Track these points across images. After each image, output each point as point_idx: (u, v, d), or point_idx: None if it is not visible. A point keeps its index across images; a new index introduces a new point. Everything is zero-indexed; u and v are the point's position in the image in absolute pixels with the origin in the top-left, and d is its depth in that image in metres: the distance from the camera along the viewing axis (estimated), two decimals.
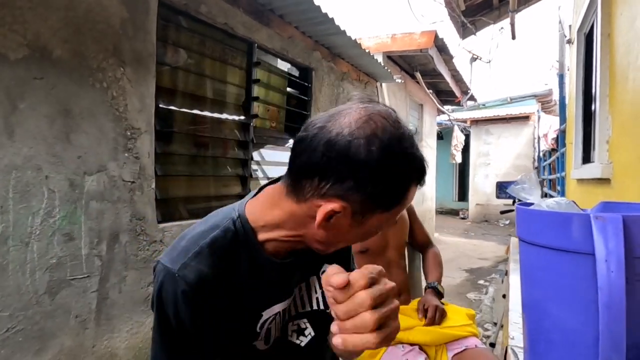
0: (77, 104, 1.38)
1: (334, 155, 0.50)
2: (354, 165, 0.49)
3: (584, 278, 0.44)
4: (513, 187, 0.53)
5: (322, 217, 0.52)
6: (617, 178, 2.01)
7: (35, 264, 1.28)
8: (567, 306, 0.46)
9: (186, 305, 0.55)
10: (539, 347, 0.50)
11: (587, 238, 0.42)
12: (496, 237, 7.46)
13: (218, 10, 2.03)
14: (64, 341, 1.36)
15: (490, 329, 2.83)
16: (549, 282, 0.47)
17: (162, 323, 0.57)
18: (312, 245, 0.60)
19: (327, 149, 0.50)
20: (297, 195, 0.55)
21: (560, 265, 0.46)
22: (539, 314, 0.49)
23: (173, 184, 1.93)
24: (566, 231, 0.45)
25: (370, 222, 0.54)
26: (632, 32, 1.78)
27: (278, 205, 0.58)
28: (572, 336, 0.45)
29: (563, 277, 0.46)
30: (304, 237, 0.59)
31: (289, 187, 0.56)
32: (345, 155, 0.49)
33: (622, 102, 1.96)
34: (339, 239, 0.58)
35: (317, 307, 0.72)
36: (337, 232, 0.55)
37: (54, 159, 1.32)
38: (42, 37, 1.28)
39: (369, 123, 0.51)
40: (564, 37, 3.92)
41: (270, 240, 0.60)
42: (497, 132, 9.94)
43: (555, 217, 0.46)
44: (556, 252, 0.46)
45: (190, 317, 0.56)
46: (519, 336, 0.62)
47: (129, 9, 1.55)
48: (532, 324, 0.51)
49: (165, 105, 1.84)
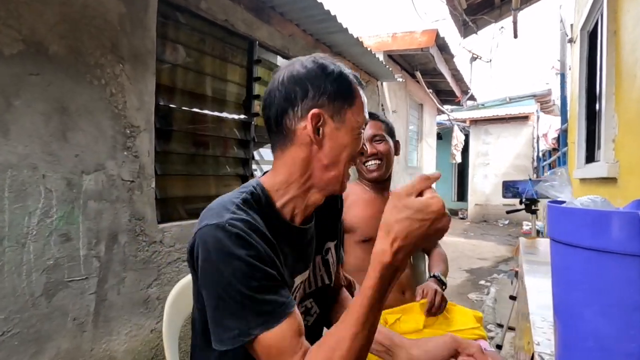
0: (74, 101, 1.35)
1: (291, 84, 0.65)
2: (307, 79, 0.65)
3: (627, 281, 0.40)
4: (542, 185, 0.49)
5: (312, 126, 0.63)
6: (623, 177, 1.98)
7: (32, 265, 1.24)
8: (606, 311, 0.43)
9: (245, 248, 0.57)
10: (573, 355, 0.47)
11: (632, 238, 0.39)
12: (495, 237, 7.45)
13: (218, 7, 1.99)
14: (61, 344, 1.32)
15: (494, 330, 2.80)
16: (586, 285, 0.44)
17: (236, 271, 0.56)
18: (322, 182, 0.68)
19: (285, 85, 0.65)
20: (285, 140, 0.66)
21: (600, 267, 0.42)
22: (573, 319, 0.46)
23: (173, 184, 1.89)
24: (607, 230, 0.41)
25: (348, 120, 0.66)
26: (639, 29, 1.76)
27: (280, 164, 0.68)
28: (610, 344, 0.42)
29: (603, 280, 0.42)
30: (312, 178, 0.67)
31: (278, 142, 0.68)
32: (298, 77, 0.65)
33: (628, 100, 1.94)
34: (339, 150, 0.66)
35: (322, 283, 0.79)
36: (333, 142, 0.66)
37: (51, 157, 1.28)
38: (38, 32, 1.24)
39: (299, 59, 0.69)
40: (566, 36, 3.90)
41: (286, 203, 0.68)
42: (496, 132, 9.94)
43: (595, 215, 0.43)
44: (595, 252, 0.42)
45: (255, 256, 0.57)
46: (546, 342, 0.59)
47: (127, 5, 1.52)
48: (566, 330, 0.48)
49: (165, 103, 1.81)
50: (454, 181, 11.95)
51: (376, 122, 1.40)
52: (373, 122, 1.40)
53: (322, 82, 0.64)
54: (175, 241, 1.75)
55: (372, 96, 4.13)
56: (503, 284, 4.08)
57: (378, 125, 1.39)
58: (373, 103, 4.17)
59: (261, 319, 0.56)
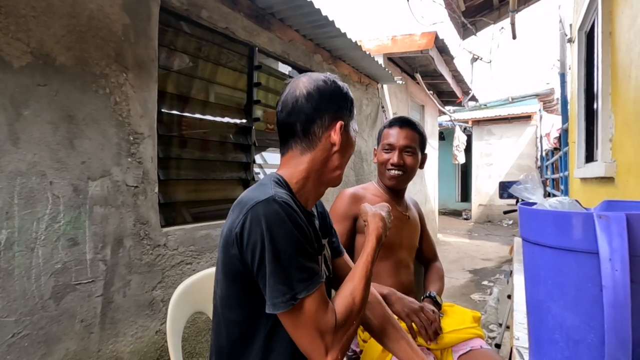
0: (80, 110, 1.39)
1: (319, 98, 0.78)
2: (332, 95, 0.79)
3: (588, 277, 0.43)
4: (515, 187, 0.53)
5: (338, 134, 0.78)
6: (620, 177, 2.00)
7: (41, 269, 1.28)
8: (571, 305, 0.45)
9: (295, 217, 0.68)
10: (543, 347, 0.50)
11: (590, 237, 0.42)
12: (499, 237, 7.43)
13: (219, 15, 2.04)
14: (69, 345, 1.36)
15: (496, 330, 2.81)
16: (552, 281, 0.47)
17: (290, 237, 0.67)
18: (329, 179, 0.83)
19: (314, 97, 0.78)
20: (309, 144, 0.79)
21: (564, 264, 0.45)
22: (542, 313, 0.49)
23: (176, 188, 1.94)
24: (569, 230, 0.44)
25: (352, 129, 0.84)
26: (634, 30, 1.78)
27: (298, 162, 0.80)
28: (575, 335, 0.45)
29: (566, 276, 0.46)
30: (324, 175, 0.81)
31: (302, 145, 0.79)
32: (325, 92, 0.78)
33: (624, 100, 1.95)
34: (348, 154, 0.84)
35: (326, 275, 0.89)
36: (346, 147, 0.82)
37: (58, 164, 1.33)
38: (46, 44, 1.29)
39: (317, 75, 0.82)
40: (565, 36, 3.91)
41: (301, 193, 0.80)
42: (499, 132, 9.91)
43: (558, 216, 0.46)
44: (559, 251, 0.45)
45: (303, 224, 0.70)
46: (524, 337, 0.62)
47: (130, 16, 1.57)
48: (536, 324, 0.51)
49: (168, 109, 1.85)
50: (458, 182, 11.92)
51: (413, 132, 1.34)
52: (410, 131, 1.33)
53: (341, 99, 0.80)
54: (178, 244, 1.79)
55: (372, 99, 4.17)
56: (505, 284, 4.08)
57: (414, 136, 1.34)
58: (374, 105, 4.21)
59: (304, 284, 0.66)
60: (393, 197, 1.40)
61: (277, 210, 0.67)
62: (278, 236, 0.65)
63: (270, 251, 0.65)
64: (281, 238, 0.66)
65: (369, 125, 4.08)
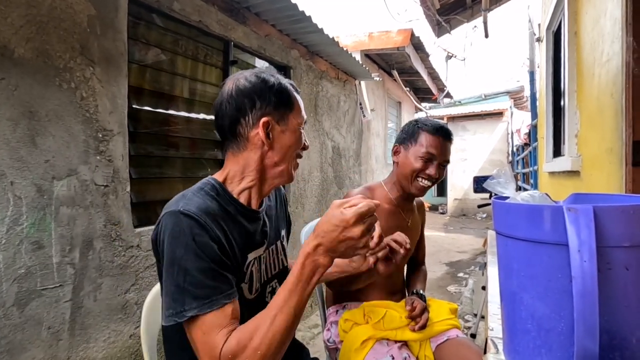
0: (42, 106, 1.32)
1: (240, 97, 0.75)
2: (254, 92, 0.75)
3: (558, 268, 0.45)
4: (489, 182, 0.54)
5: (263, 131, 0.75)
6: (585, 170, 2.09)
7: (2, 275, 1.21)
8: (542, 296, 0.47)
9: (197, 229, 0.65)
10: (515, 337, 0.51)
11: (560, 229, 0.44)
12: (474, 230, 7.66)
13: (192, 7, 1.98)
14: (36, 354, 1.29)
15: (471, 320, 2.90)
16: (524, 273, 0.49)
17: (188, 250, 0.64)
18: (274, 175, 0.80)
19: (234, 98, 0.75)
20: (239, 144, 0.77)
21: (535, 256, 0.47)
22: (515, 304, 0.50)
23: (149, 187, 1.87)
24: (540, 223, 0.46)
25: (290, 123, 0.79)
26: (597, 29, 1.86)
27: (233, 163, 0.79)
28: (546, 324, 0.47)
29: (537, 267, 0.47)
30: (265, 172, 0.79)
31: (232, 146, 0.78)
32: (245, 90, 0.75)
33: (589, 97, 2.04)
34: (287, 149, 0.79)
35: (282, 266, 0.92)
36: (280, 142, 0.78)
37: (19, 163, 1.25)
38: (2, 35, 1.21)
39: (241, 73, 0.80)
40: (534, 35, 4.06)
41: (242, 191, 0.79)
42: (472, 128, 10.20)
43: (529, 209, 0.47)
44: (531, 243, 0.47)
45: (206, 236, 0.65)
46: (498, 327, 0.63)
47: (96, 6, 1.49)
48: (509, 314, 0.52)
49: (139, 105, 1.78)
50: None
51: (450, 145, 1.30)
52: (450, 144, 1.29)
53: (266, 94, 0.76)
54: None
55: (350, 95, 4.18)
56: (480, 276, 4.22)
57: (450, 149, 1.29)
58: (351, 102, 4.22)
59: (197, 302, 0.62)
60: (403, 202, 1.33)
61: (180, 224, 0.65)
62: (176, 250, 0.63)
63: (167, 263, 0.64)
64: (179, 253, 0.63)
65: (347, 122, 4.09)
